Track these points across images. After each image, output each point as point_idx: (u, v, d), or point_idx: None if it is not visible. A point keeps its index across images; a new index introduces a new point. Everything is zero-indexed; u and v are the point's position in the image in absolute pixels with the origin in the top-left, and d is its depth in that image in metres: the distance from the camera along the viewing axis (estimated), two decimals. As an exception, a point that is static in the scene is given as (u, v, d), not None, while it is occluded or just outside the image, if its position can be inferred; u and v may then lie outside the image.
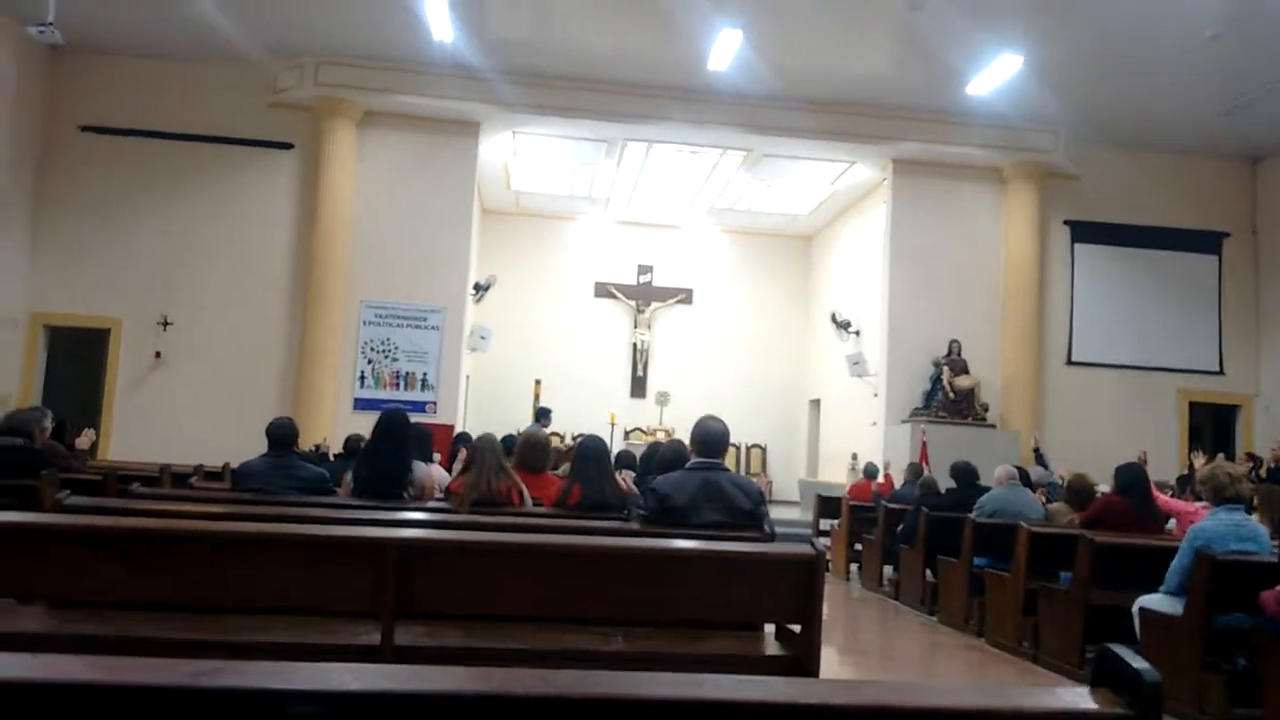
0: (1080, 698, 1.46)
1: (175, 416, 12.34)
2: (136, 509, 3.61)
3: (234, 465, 5.85)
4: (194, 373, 12.61)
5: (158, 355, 12.60)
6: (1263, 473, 9.94)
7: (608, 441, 5.17)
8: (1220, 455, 11.33)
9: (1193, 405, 14.16)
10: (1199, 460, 8.51)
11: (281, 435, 5.03)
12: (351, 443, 7.99)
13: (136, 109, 12.79)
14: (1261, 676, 4.24)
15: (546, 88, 12.76)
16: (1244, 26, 10.25)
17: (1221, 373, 14.17)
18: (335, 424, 12.05)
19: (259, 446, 5.17)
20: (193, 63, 12.83)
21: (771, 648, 3.35)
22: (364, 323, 12.95)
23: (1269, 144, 13.71)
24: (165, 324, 12.58)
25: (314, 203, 12.76)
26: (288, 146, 13.05)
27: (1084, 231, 14.10)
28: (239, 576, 2.89)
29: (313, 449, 9.86)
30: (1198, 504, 6.20)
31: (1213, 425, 14.42)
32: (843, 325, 15.74)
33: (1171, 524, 6.54)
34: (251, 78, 12.75)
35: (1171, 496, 7.92)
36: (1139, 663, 1.45)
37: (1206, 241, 14.26)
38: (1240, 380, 14.17)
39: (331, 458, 8.87)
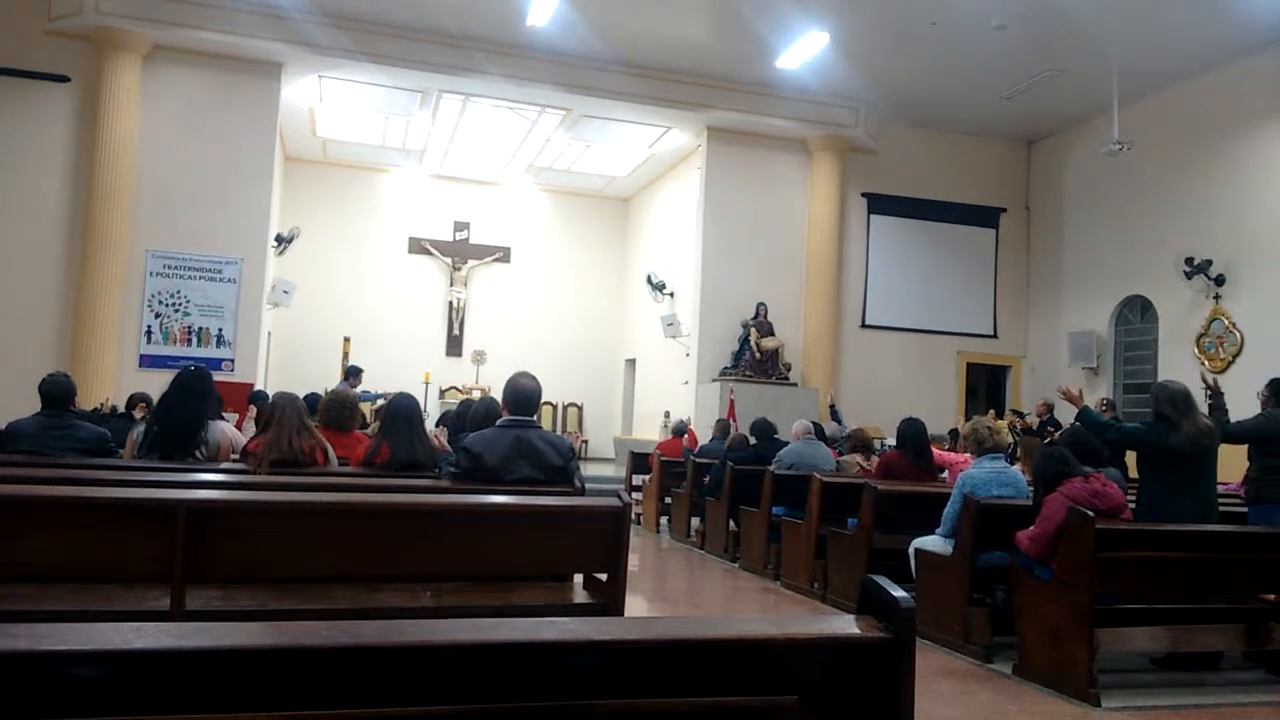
0: (847, 624, 1.62)
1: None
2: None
3: (1, 426, 5.34)
4: (-48, 326, 11.36)
5: (-93, 306, 11.26)
6: (1022, 427, 10.99)
7: (422, 400, 5.10)
8: (991, 412, 12.50)
9: (970, 365, 15.50)
10: (962, 419, 9.38)
11: (56, 393, 4.65)
12: (134, 401, 7.46)
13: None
14: (1016, 608, 4.74)
15: (356, 31, 12.17)
16: (1027, 19, 11.16)
17: (995, 336, 15.56)
18: (119, 382, 11.19)
19: (32, 406, 4.76)
20: (-53, -21, 11.41)
21: (580, 596, 3.46)
22: (150, 274, 12.03)
23: (1042, 127, 15.04)
24: (-84, 271, 11.25)
25: (93, 143, 11.68)
26: (64, 80, 11.85)
27: (879, 203, 15.05)
28: (10, 543, 2.68)
29: (97, 409, 9.13)
30: (966, 455, 6.81)
31: (987, 384, 15.84)
32: (658, 287, 16.07)
33: (945, 474, 7.16)
34: (23, 1, 11.47)
35: (948, 450, 8.66)
36: (897, 591, 1.63)
37: (986, 216, 15.55)
38: (1011, 343, 15.61)
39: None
